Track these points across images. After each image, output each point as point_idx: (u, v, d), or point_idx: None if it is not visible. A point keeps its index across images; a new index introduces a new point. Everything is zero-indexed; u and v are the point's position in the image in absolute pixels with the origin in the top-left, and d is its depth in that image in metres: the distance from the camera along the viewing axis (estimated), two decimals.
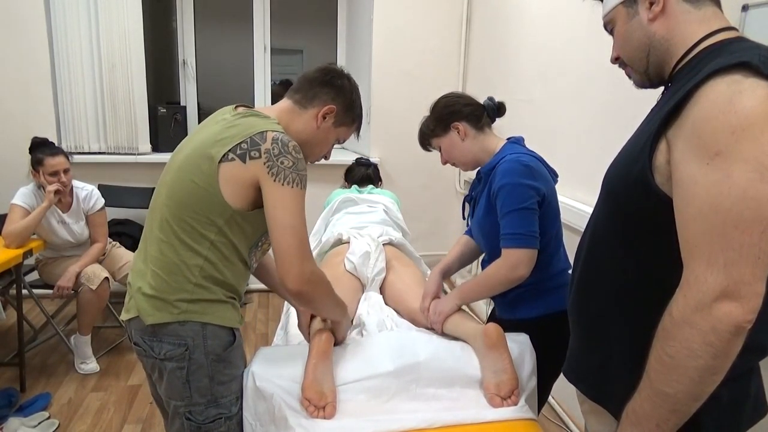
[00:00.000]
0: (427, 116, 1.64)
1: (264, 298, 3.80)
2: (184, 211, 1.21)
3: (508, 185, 1.42)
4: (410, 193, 3.67)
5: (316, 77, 1.34)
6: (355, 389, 1.33)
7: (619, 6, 0.97)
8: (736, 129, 0.72)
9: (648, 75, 0.97)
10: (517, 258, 1.41)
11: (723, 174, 0.73)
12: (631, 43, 0.96)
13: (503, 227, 1.43)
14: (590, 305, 1.02)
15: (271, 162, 1.17)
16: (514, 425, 1.29)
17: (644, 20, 0.93)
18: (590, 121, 2.30)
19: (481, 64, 3.54)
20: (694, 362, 0.75)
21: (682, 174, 0.78)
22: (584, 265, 1.03)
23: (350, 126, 1.41)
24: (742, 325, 0.73)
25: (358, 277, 1.90)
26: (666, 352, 0.78)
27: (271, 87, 4.18)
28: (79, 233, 2.83)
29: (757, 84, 0.73)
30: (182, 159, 1.25)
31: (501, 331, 1.39)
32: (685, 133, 0.78)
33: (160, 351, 1.24)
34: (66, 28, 3.31)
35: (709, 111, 0.75)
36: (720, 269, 0.73)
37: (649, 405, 0.81)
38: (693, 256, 0.76)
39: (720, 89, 0.75)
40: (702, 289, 0.74)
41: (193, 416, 1.27)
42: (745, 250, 0.72)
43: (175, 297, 1.22)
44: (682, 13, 0.90)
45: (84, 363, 2.78)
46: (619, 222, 0.93)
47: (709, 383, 0.77)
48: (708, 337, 0.74)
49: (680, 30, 0.90)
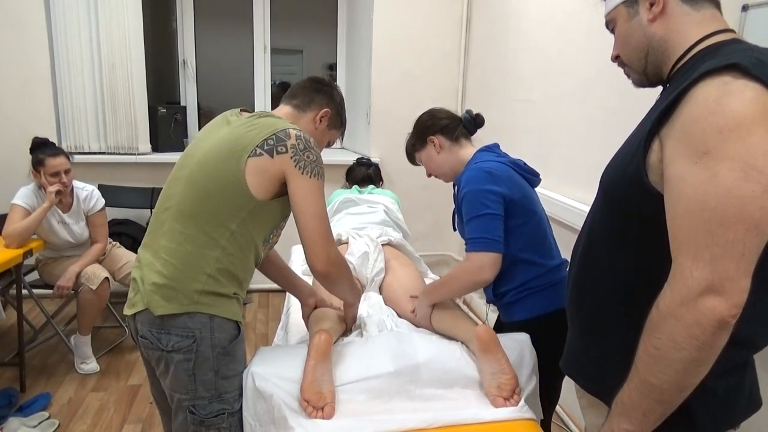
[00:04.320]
0: (409, 133, 1.73)
1: (264, 298, 3.80)
2: (207, 202, 1.27)
3: (470, 192, 1.46)
4: (410, 193, 3.67)
5: (309, 85, 1.49)
6: (355, 390, 1.33)
7: (620, 6, 0.98)
8: (723, 129, 0.74)
9: (646, 75, 0.99)
10: (480, 261, 1.43)
11: (710, 173, 0.75)
12: (631, 43, 0.98)
13: (467, 233, 1.47)
14: (588, 301, 1.04)
15: (297, 156, 1.27)
16: (514, 425, 1.29)
17: (644, 21, 0.95)
18: (590, 121, 2.30)
19: (481, 64, 3.54)
20: (679, 354, 0.77)
21: (672, 172, 0.80)
22: (581, 261, 1.05)
23: (339, 129, 1.55)
24: (726, 319, 0.75)
25: (357, 277, 1.90)
26: (653, 344, 0.80)
27: (271, 87, 4.18)
28: (79, 233, 2.83)
29: (745, 85, 0.75)
30: (202, 156, 1.31)
31: (493, 333, 1.39)
32: (675, 132, 0.80)
33: (167, 343, 1.26)
34: (66, 28, 3.31)
35: (698, 111, 0.77)
36: (706, 264, 0.75)
37: (636, 395, 0.84)
38: (680, 251, 0.78)
39: (709, 90, 0.77)
40: (688, 284, 0.76)
41: (197, 410, 1.29)
42: (729, 247, 0.74)
43: (187, 287, 1.26)
44: (681, 14, 0.92)
45: (84, 363, 2.79)
46: (616, 220, 0.95)
47: (693, 375, 0.79)
48: (692, 330, 0.76)
49: (678, 31, 0.92)
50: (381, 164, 3.25)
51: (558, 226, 2.25)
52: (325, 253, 1.28)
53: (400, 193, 2.90)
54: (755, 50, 0.82)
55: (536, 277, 1.54)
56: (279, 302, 3.56)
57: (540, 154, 2.68)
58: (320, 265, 1.29)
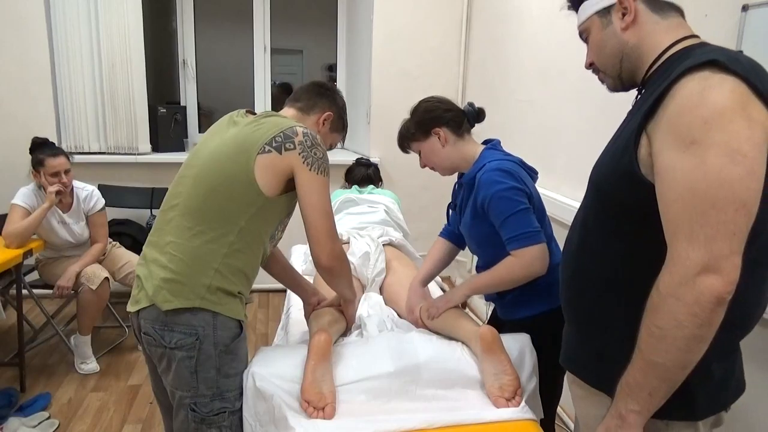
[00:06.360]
0: (407, 119, 1.63)
1: (264, 298, 3.80)
2: (216, 199, 1.29)
3: (497, 193, 1.44)
4: (410, 193, 3.67)
5: (312, 89, 1.52)
6: (355, 390, 1.33)
7: (594, 16, 1.05)
8: (707, 119, 0.81)
9: (621, 79, 1.06)
10: (531, 255, 1.42)
11: (698, 160, 0.81)
12: (606, 50, 1.05)
13: (506, 233, 1.44)
14: (585, 294, 1.06)
15: (305, 153, 1.31)
16: (514, 426, 1.29)
17: (617, 29, 1.02)
18: (590, 121, 2.30)
19: (481, 64, 3.54)
20: (681, 332, 0.82)
21: (662, 162, 0.85)
22: (576, 256, 1.08)
23: (341, 132, 1.58)
24: (723, 296, 0.80)
25: (358, 277, 1.90)
26: (655, 324, 0.85)
27: (271, 87, 4.18)
28: (79, 233, 2.83)
29: (724, 79, 0.82)
30: (210, 154, 1.34)
31: (496, 334, 1.39)
32: (663, 126, 0.86)
33: (170, 340, 1.28)
34: (66, 28, 3.31)
35: (683, 105, 0.83)
36: (701, 245, 0.80)
37: (641, 376, 0.88)
38: (676, 236, 0.83)
39: (692, 85, 0.83)
40: (685, 264, 0.81)
41: (198, 408, 1.30)
42: (722, 227, 0.79)
43: (195, 281, 1.27)
44: (651, 23, 0.99)
45: (84, 363, 2.79)
46: (610, 213, 1.00)
47: (695, 351, 0.84)
48: (692, 309, 0.81)
49: (650, 38, 0.99)
50: (381, 164, 3.26)
51: (558, 226, 2.25)
52: (330, 248, 1.33)
53: (400, 193, 2.90)
54: (725, 50, 0.89)
55: (544, 274, 1.53)
56: (279, 302, 3.56)
57: (540, 154, 2.68)
58: (325, 259, 1.33)
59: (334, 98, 1.53)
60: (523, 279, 1.45)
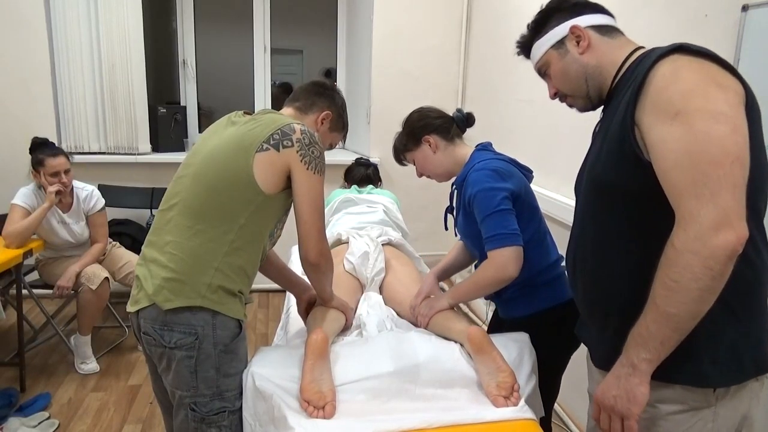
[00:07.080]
0: (399, 132, 1.70)
1: (264, 298, 3.80)
2: (216, 198, 1.30)
3: (480, 192, 1.46)
4: (410, 193, 3.67)
5: (311, 89, 1.53)
6: (355, 389, 1.33)
7: (550, 50, 1.17)
8: (685, 92, 0.91)
9: (590, 98, 1.15)
10: (504, 257, 1.42)
11: (686, 126, 0.89)
12: (570, 75, 1.15)
13: (484, 232, 1.46)
14: (610, 294, 1.09)
15: (303, 151, 1.32)
16: (514, 425, 1.29)
17: (576, 55, 1.13)
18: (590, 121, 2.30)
19: (481, 64, 3.54)
20: (696, 284, 0.88)
21: (654, 138, 0.93)
22: (594, 260, 1.11)
23: (341, 132, 1.59)
24: (737, 248, 0.87)
25: (357, 277, 1.90)
26: (670, 277, 0.90)
27: (271, 88, 4.18)
28: (79, 233, 2.83)
29: (691, 60, 0.94)
30: (209, 153, 1.35)
31: (484, 333, 1.39)
32: (647, 108, 0.95)
33: (170, 340, 1.28)
34: (66, 28, 3.31)
35: (661, 85, 0.93)
36: (708, 201, 0.87)
37: (654, 326, 0.94)
38: (682, 197, 0.90)
39: (664, 68, 0.94)
40: (698, 221, 0.87)
41: (198, 407, 1.30)
42: (723, 181, 0.86)
43: (195, 279, 1.27)
44: (604, 44, 1.12)
45: (84, 363, 2.79)
46: (616, 210, 1.04)
47: (707, 302, 0.91)
48: (708, 262, 0.87)
49: (607, 56, 1.11)
50: (381, 164, 3.25)
51: (558, 226, 2.25)
52: (319, 246, 1.37)
53: (400, 193, 2.90)
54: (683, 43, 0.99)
55: (537, 274, 1.54)
56: (279, 302, 3.57)
57: (540, 154, 2.68)
58: (313, 256, 1.37)
59: (333, 97, 1.53)
60: (498, 281, 1.45)
